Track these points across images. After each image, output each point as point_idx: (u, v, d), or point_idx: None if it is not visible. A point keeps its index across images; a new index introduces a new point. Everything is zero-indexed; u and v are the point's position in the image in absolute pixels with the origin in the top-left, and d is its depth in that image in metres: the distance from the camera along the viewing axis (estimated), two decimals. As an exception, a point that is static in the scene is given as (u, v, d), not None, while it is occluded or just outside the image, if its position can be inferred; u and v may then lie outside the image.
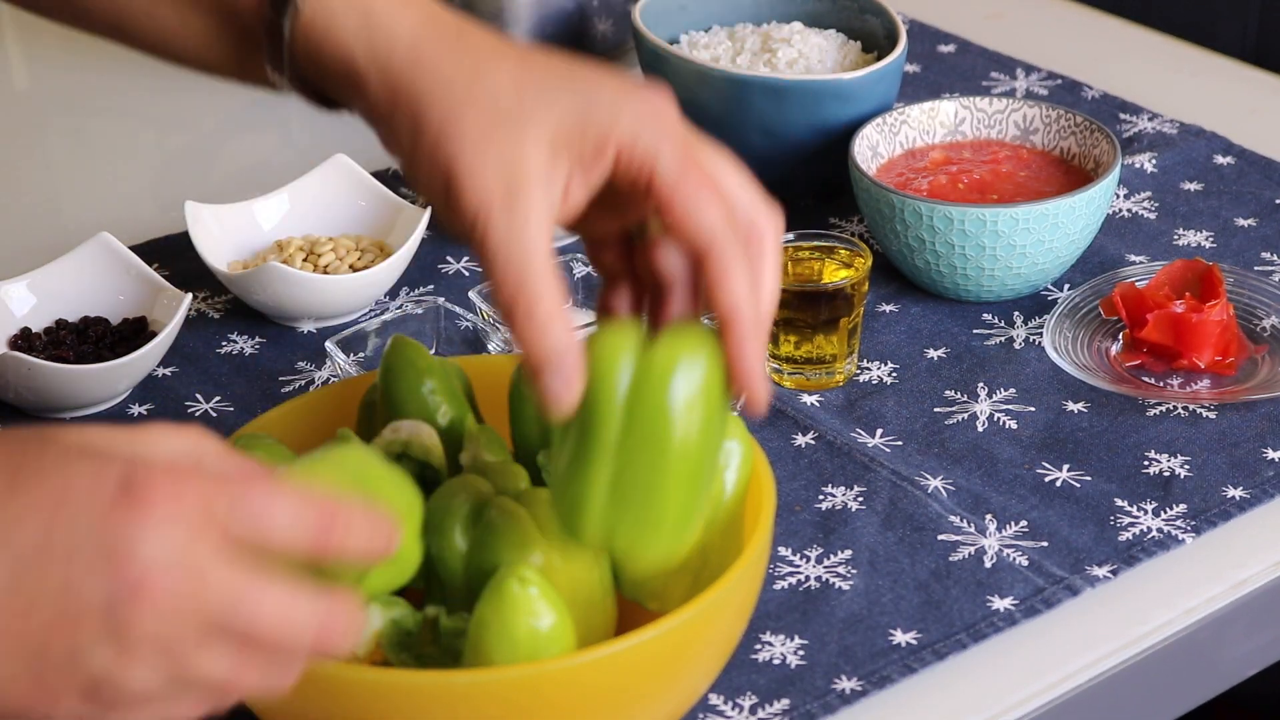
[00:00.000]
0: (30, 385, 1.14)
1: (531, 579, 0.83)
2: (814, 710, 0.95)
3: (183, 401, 1.19)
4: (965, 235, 1.21)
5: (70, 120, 1.55)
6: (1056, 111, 1.31)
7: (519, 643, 0.82)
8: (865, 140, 1.29)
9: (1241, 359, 1.19)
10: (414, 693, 0.82)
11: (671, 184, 0.80)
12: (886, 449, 1.13)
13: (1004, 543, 1.06)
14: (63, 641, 0.69)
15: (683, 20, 1.43)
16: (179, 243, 1.31)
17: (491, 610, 0.83)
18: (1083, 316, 1.22)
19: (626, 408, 0.80)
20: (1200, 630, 1.03)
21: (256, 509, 0.71)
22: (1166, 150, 1.42)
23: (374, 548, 0.74)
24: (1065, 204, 1.21)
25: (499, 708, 0.82)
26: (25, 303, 1.22)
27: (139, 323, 1.21)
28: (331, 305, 1.23)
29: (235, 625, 0.71)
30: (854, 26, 1.42)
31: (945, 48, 1.59)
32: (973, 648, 0.99)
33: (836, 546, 1.06)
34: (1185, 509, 1.08)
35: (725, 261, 0.81)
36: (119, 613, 0.69)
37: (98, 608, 0.69)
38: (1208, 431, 1.14)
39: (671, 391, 0.79)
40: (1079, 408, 1.16)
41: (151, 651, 0.70)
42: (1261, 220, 1.35)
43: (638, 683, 0.85)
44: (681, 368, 0.80)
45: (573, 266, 1.24)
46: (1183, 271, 1.22)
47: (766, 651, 0.99)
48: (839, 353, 1.17)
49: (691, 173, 0.81)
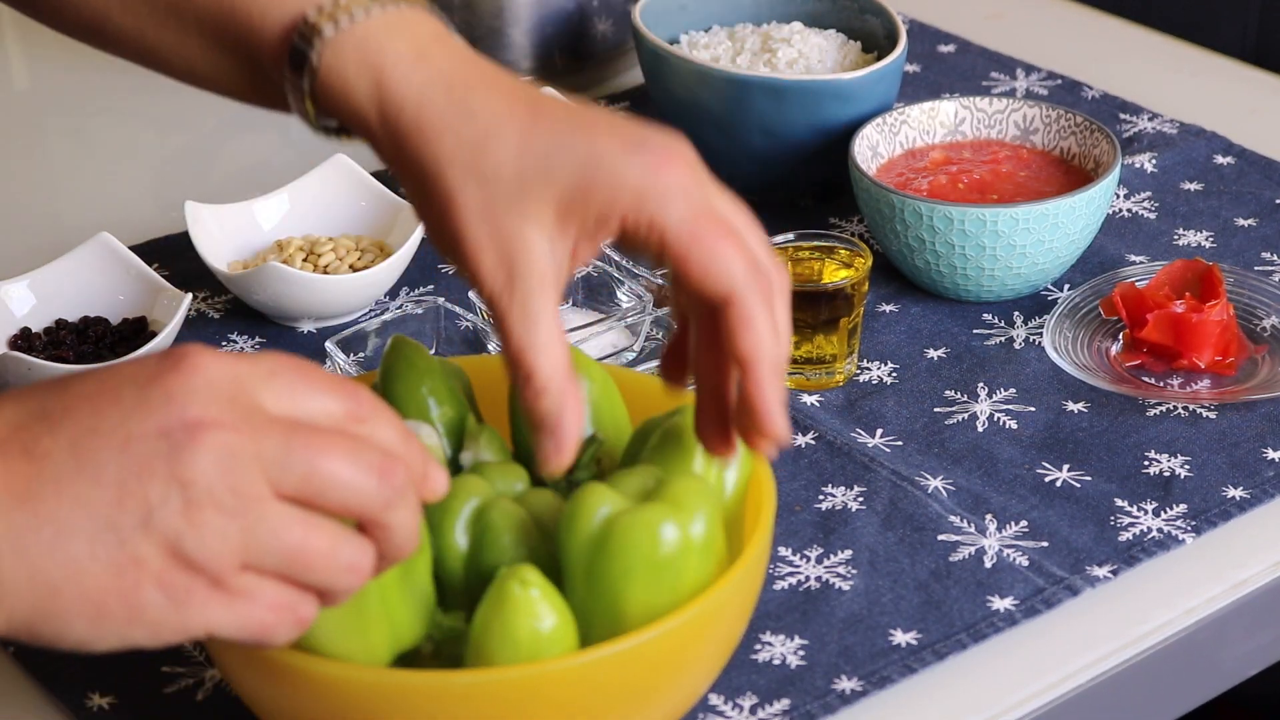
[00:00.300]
0: (30, 385, 1.14)
1: (532, 580, 0.83)
2: (814, 710, 0.95)
3: (183, 401, 1.18)
4: (965, 235, 1.21)
5: (70, 120, 1.55)
6: (1056, 111, 1.31)
7: (520, 644, 0.82)
8: (865, 140, 1.29)
9: (1241, 359, 1.19)
10: (414, 693, 0.82)
11: (684, 244, 0.81)
12: (886, 449, 1.13)
13: (1004, 543, 1.06)
14: (132, 503, 0.71)
15: (683, 20, 1.43)
16: (179, 243, 1.31)
17: (493, 612, 0.83)
18: (1083, 316, 1.22)
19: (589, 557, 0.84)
20: (1200, 630, 1.03)
21: (293, 380, 0.74)
22: (1166, 150, 1.42)
23: (409, 454, 0.76)
24: (1065, 204, 1.21)
25: (499, 708, 0.82)
26: (25, 303, 1.22)
27: (139, 323, 1.21)
28: (331, 305, 1.23)
29: (296, 471, 0.72)
30: (854, 26, 1.42)
31: (945, 48, 1.59)
32: (973, 648, 0.99)
33: (836, 546, 1.06)
34: (1185, 509, 1.08)
35: (748, 310, 0.82)
36: (180, 456, 0.71)
37: (159, 458, 0.71)
38: (1208, 431, 1.14)
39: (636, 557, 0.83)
40: (1079, 408, 1.16)
41: (219, 499, 0.71)
42: (1261, 220, 1.35)
43: (638, 683, 0.85)
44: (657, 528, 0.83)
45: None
46: (1183, 271, 1.22)
47: (766, 651, 0.99)
48: (839, 353, 1.17)
49: (707, 227, 0.82)
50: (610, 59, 1.55)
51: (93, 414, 0.72)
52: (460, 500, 0.88)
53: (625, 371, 1.00)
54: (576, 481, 0.93)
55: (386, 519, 0.75)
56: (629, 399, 0.97)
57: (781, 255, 1.19)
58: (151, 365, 0.73)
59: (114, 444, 0.72)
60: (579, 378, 0.85)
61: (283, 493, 0.73)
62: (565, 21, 1.50)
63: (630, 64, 1.55)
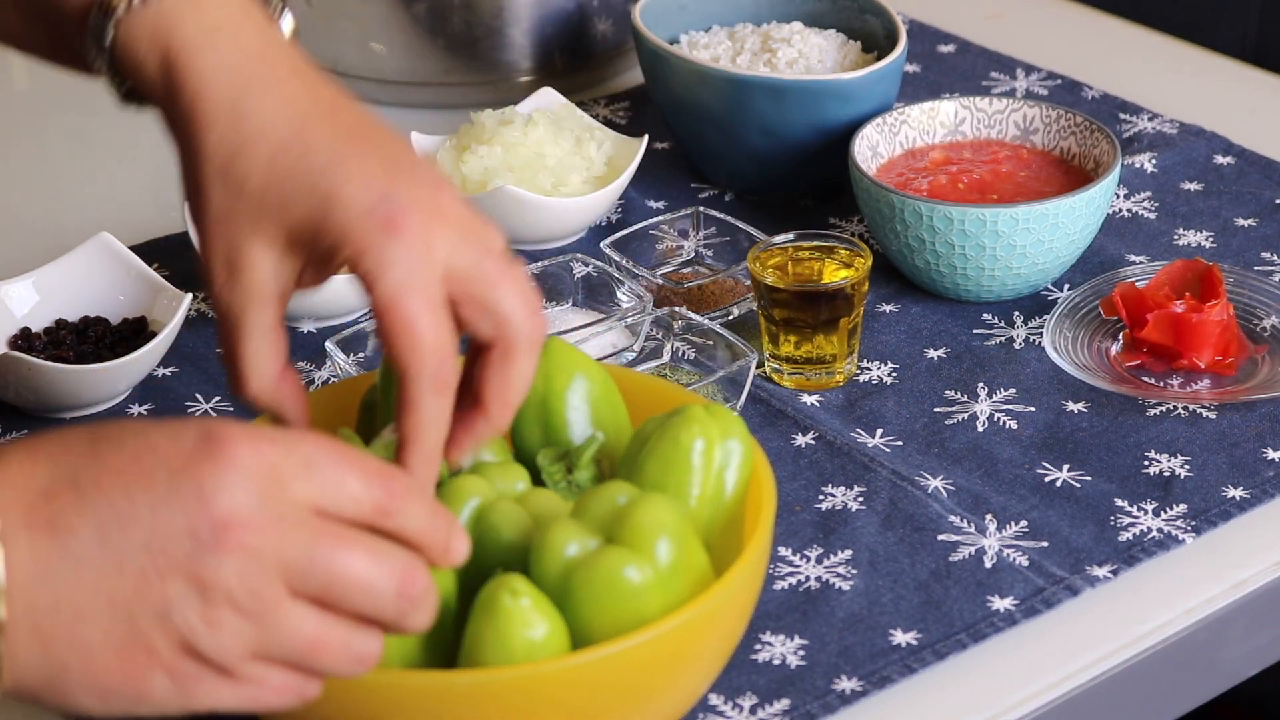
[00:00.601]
0: (30, 385, 1.14)
1: (522, 590, 0.83)
2: (814, 710, 0.95)
3: (183, 401, 1.19)
4: (965, 235, 1.21)
5: (70, 120, 1.55)
6: (1056, 111, 1.31)
7: (515, 654, 0.82)
8: (865, 140, 1.29)
9: (1241, 359, 1.19)
10: (414, 693, 0.82)
11: (382, 310, 0.81)
12: (886, 449, 1.13)
13: (1004, 543, 1.06)
14: (151, 597, 0.71)
15: (683, 20, 1.43)
16: (179, 243, 1.31)
17: (485, 623, 0.83)
18: (1083, 316, 1.22)
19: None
20: (1200, 630, 1.03)
21: (326, 469, 0.74)
22: (1166, 150, 1.42)
23: (434, 540, 0.77)
24: (1065, 204, 1.21)
25: (499, 708, 0.82)
26: (25, 303, 1.22)
27: (139, 323, 1.21)
28: (331, 305, 1.23)
29: (316, 576, 0.73)
30: (854, 26, 1.42)
31: (945, 48, 1.59)
32: (973, 648, 0.99)
33: (836, 546, 1.06)
34: (1185, 509, 1.08)
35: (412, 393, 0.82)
36: (204, 559, 0.71)
37: (183, 557, 0.71)
38: (1208, 431, 1.14)
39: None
40: (1079, 408, 1.16)
41: (237, 602, 0.72)
42: (1261, 220, 1.34)
43: (638, 683, 0.85)
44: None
45: (572, 266, 1.24)
46: (1183, 271, 1.22)
47: (766, 651, 0.99)
48: (839, 353, 1.17)
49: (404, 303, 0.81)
50: (610, 59, 1.55)
51: (123, 495, 0.72)
52: (460, 500, 0.88)
53: (625, 371, 1.00)
54: (577, 481, 0.93)
55: (401, 626, 0.76)
56: (629, 399, 0.97)
57: (782, 255, 1.19)
58: (188, 446, 0.73)
59: (140, 535, 0.72)
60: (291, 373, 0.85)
61: (302, 594, 0.74)
62: (565, 21, 1.50)
63: (630, 64, 1.55)
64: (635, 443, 0.92)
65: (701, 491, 0.89)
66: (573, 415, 0.94)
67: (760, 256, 1.18)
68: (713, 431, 0.90)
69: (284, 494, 0.73)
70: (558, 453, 0.94)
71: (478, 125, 1.34)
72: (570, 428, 0.94)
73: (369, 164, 0.82)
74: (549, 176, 1.32)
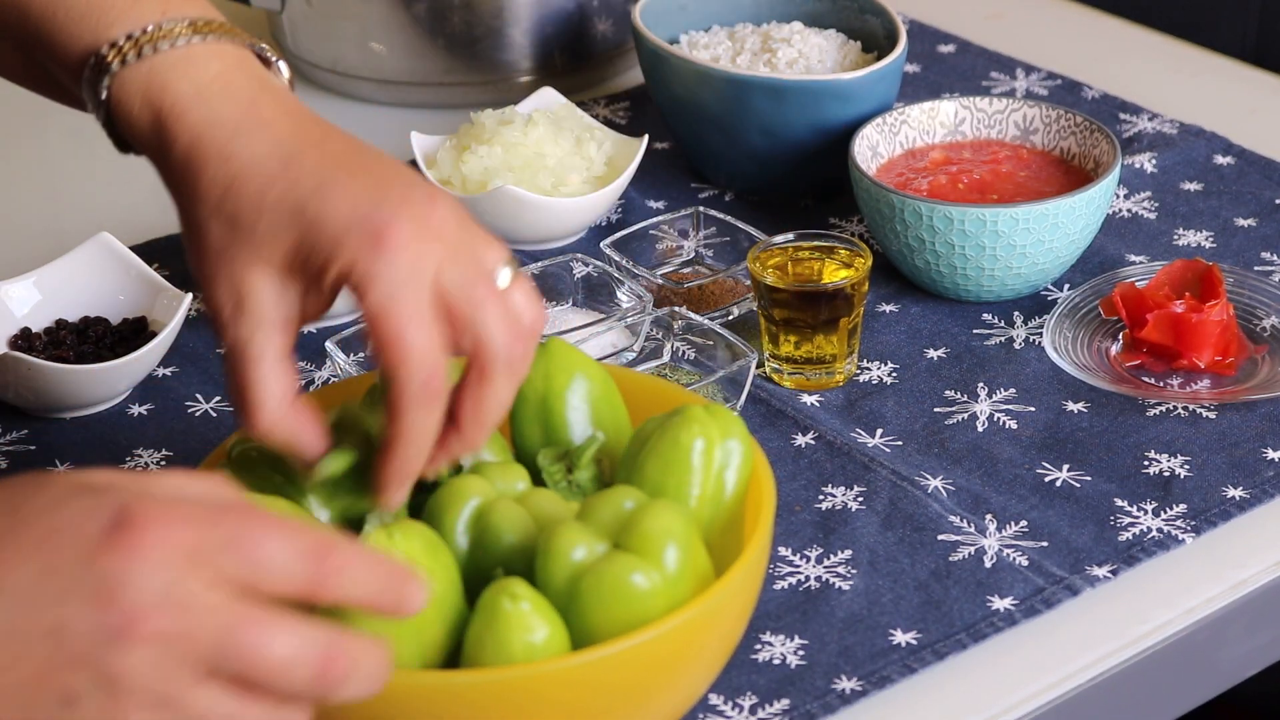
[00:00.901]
0: (30, 385, 1.14)
1: (522, 594, 0.83)
2: (814, 710, 0.95)
3: (183, 401, 1.19)
4: (965, 235, 1.21)
5: (70, 120, 1.55)
6: (1056, 111, 1.31)
7: (514, 658, 0.82)
8: (865, 140, 1.29)
9: (1241, 359, 1.19)
10: (415, 693, 0.82)
11: (371, 322, 0.83)
12: (886, 449, 1.13)
13: (1004, 543, 1.06)
14: (54, 690, 0.69)
15: (683, 20, 1.43)
16: (179, 243, 1.30)
17: (485, 628, 0.83)
18: (1083, 316, 1.22)
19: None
20: (1200, 630, 1.03)
21: (250, 545, 0.71)
22: (1166, 150, 1.42)
23: (383, 600, 0.74)
24: (1065, 204, 1.21)
25: (499, 708, 0.82)
26: (25, 303, 1.22)
27: (139, 323, 1.21)
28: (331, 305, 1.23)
29: (230, 662, 0.70)
30: (854, 26, 1.42)
31: (945, 48, 1.59)
32: (973, 648, 0.99)
33: (836, 546, 1.06)
34: (1185, 509, 1.08)
35: (399, 405, 0.83)
36: (109, 656, 0.68)
37: (88, 652, 0.68)
38: (1208, 431, 1.14)
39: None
40: (1079, 408, 1.16)
41: (146, 697, 0.69)
42: (1261, 220, 1.35)
43: (638, 683, 0.85)
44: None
45: (572, 266, 1.24)
46: (1183, 271, 1.22)
47: (766, 651, 0.99)
48: (839, 353, 1.17)
49: (390, 317, 0.82)
50: (610, 59, 1.55)
51: (30, 580, 0.69)
52: (460, 500, 0.88)
53: (625, 371, 1.00)
54: (577, 481, 0.93)
55: (328, 701, 0.73)
56: (629, 399, 0.97)
57: (782, 255, 1.19)
58: (95, 533, 0.70)
59: (44, 625, 0.69)
60: (308, 406, 0.86)
61: (217, 677, 0.70)
62: (565, 21, 1.50)
63: (630, 64, 1.55)
64: (635, 443, 0.92)
65: (701, 491, 0.90)
66: (573, 415, 0.94)
67: (760, 256, 1.18)
68: (713, 431, 0.90)
69: (200, 576, 0.70)
70: (558, 452, 0.94)
71: (478, 125, 1.34)
72: (570, 428, 0.94)
73: (356, 183, 0.84)
74: (549, 176, 1.32)
